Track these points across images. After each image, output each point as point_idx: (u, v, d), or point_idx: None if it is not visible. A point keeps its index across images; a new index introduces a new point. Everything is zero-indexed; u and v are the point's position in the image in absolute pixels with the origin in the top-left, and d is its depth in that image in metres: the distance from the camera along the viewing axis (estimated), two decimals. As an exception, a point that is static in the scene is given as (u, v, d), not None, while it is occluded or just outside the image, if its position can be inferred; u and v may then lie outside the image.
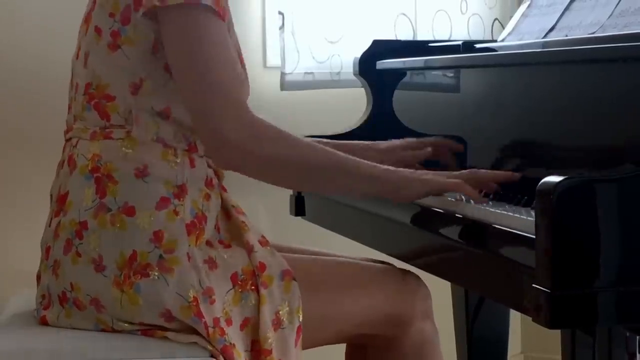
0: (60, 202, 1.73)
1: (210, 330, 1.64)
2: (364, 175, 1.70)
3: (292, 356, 1.71)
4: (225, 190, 1.82)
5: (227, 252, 1.73)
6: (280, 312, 1.71)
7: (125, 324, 1.67)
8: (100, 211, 1.67)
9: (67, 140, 1.78)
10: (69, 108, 1.80)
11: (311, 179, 1.72)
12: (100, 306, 1.67)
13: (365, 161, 1.72)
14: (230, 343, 1.65)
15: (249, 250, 1.74)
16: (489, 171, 1.75)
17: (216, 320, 1.65)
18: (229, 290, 1.69)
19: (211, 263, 1.69)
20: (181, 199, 1.69)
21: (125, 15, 1.68)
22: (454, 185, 1.69)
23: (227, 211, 1.81)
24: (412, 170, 1.75)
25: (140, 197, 1.67)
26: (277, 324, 1.70)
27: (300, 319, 1.72)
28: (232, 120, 1.62)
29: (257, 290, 1.70)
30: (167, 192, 1.68)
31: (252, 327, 1.69)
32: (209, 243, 1.72)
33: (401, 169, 1.74)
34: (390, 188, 1.70)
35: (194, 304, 1.63)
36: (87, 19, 1.77)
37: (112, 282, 1.65)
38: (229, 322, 1.67)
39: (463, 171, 1.74)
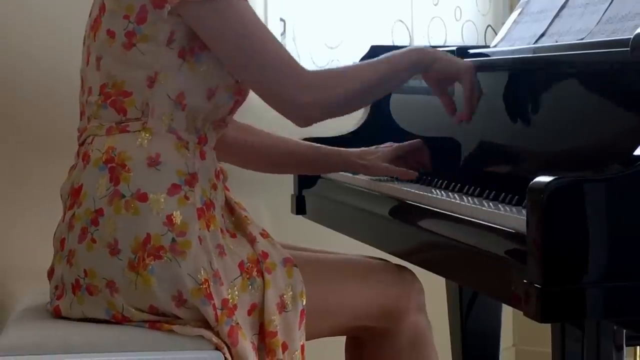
0: (74, 195, 1.76)
1: (219, 312, 1.68)
2: (401, 69, 1.89)
3: (296, 338, 1.75)
4: (228, 189, 1.87)
5: (234, 242, 1.78)
6: (285, 296, 1.76)
7: (135, 310, 1.70)
8: (115, 197, 1.71)
9: (81, 144, 1.81)
10: (81, 114, 1.83)
11: (372, 94, 1.93)
12: (114, 289, 1.70)
13: (394, 55, 1.90)
14: (237, 324, 1.69)
15: (252, 240, 1.79)
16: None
17: (225, 302, 1.69)
18: (236, 278, 1.73)
19: (221, 250, 1.74)
20: (192, 186, 1.73)
21: (141, 15, 1.72)
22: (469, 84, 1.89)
23: (230, 207, 1.86)
24: (435, 50, 1.94)
25: (153, 183, 1.71)
26: (282, 307, 1.75)
27: (304, 302, 1.76)
28: (300, 88, 1.76)
29: (262, 276, 1.75)
30: (179, 179, 1.73)
31: (259, 311, 1.74)
32: (219, 230, 1.77)
33: (431, 50, 1.94)
34: (424, 65, 1.91)
35: (205, 286, 1.67)
36: (94, 26, 1.80)
37: (126, 265, 1.69)
38: (235, 307, 1.71)
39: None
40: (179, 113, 1.76)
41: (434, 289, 2.19)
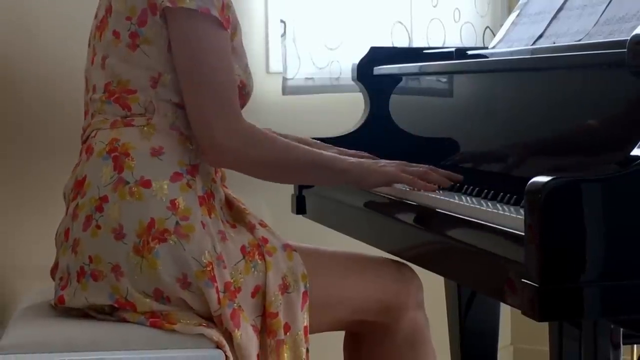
0: (77, 186, 1.79)
1: (221, 295, 1.70)
2: (334, 170, 1.86)
3: (298, 319, 1.78)
4: (225, 187, 1.91)
5: (234, 231, 1.81)
6: (287, 278, 1.78)
7: (139, 295, 1.72)
8: (119, 184, 1.74)
9: (84, 141, 1.84)
10: (85, 113, 1.87)
11: (291, 175, 1.93)
12: (119, 273, 1.72)
13: (336, 156, 1.90)
14: (239, 306, 1.72)
15: (251, 228, 1.83)
16: (439, 174, 1.88)
17: (227, 285, 1.72)
18: (239, 261, 1.76)
19: (223, 235, 1.77)
20: (193, 176, 1.77)
21: (142, 18, 1.77)
22: (407, 180, 1.86)
23: (229, 202, 1.89)
24: (374, 161, 1.91)
25: (155, 171, 1.75)
26: (284, 288, 1.78)
27: (307, 285, 1.79)
28: (226, 129, 1.76)
29: (264, 259, 1.78)
30: (180, 168, 1.77)
31: (262, 293, 1.77)
32: (219, 219, 1.79)
33: (365, 160, 1.91)
34: (356, 178, 1.88)
35: (209, 268, 1.71)
36: (100, 27, 1.84)
37: (131, 249, 1.71)
38: (238, 290, 1.74)
39: (418, 167, 1.89)
40: (181, 112, 1.79)
41: (433, 287, 2.20)
